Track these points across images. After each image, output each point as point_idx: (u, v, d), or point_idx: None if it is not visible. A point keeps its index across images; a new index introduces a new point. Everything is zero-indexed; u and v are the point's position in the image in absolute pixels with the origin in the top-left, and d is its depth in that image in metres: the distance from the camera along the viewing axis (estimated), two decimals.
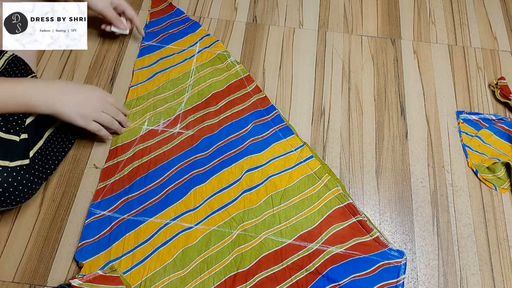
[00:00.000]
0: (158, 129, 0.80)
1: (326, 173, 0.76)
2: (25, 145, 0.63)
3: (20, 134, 0.63)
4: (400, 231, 0.74)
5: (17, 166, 0.60)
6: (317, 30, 0.96)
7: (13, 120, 0.63)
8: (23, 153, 0.62)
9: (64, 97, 0.65)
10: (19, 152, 0.62)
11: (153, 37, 0.92)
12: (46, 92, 0.63)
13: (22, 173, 0.61)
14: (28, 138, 0.64)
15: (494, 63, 0.94)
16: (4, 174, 0.58)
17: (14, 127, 0.63)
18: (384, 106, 0.87)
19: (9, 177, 0.59)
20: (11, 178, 0.59)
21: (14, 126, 0.63)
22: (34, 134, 0.66)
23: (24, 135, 0.63)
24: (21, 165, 0.61)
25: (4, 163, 0.59)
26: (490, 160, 0.81)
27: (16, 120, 0.63)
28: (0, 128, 0.61)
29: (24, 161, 0.62)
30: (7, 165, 0.59)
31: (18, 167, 0.61)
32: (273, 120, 0.82)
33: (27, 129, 0.64)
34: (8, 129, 0.62)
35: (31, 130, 0.65)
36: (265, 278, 0.66)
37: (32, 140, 0.65)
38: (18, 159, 0.61)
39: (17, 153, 0.61)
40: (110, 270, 0.66)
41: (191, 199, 0.73)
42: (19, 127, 0.63)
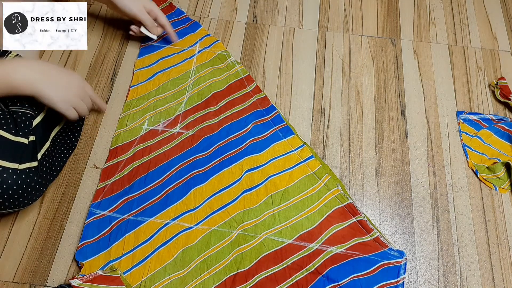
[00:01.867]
0: (158, 129, 0.80)
1: (326, 173, 0.76)
2: (33, 147, 0.63)
3: (28, 137, 0.63)
4: (400, 231, 0.74)
5: (26, 168, 0.61)
6: (317, 30, 0.96)
7: (21, 122, 0.63)
8: (31, 155, 0.62)
9: (47, 79, 0.64)
10: (28, 155, 0.62)
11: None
12: (29, 74, 0.62)
13: (31, 175, 0.61)
14: (36, 140, 0.65)
15: (494, 63, 0.94)
16: (14, 177, 0.59)
17: (23, 129, 0.63)
18: (384, 106, 0.87)
19: (18, 180, 0.59)
20: (20, 180, 0.59)
21: (23, 128, 0.63)
22: (41, 136, 0.67)
23: (32, 137, 0.64)
24: (30, 168, 0.61)
25: (14, 166, 0.59)
26: (490, 160, 0.81)
27: (24, 121, 0.63)
28: (9, 131, 0.61)
29: (33, 163, 0.62)
30: (16, 168, 0.59)
31: (27, 170, 0.61)
32: (273, 120, 0.82)
33: (34, 130, 0.65)
34: (17, 131, 0.62)
35: (38, 132, 0.66)
36: (265, 278, 0.66)
37: (39, 142, 0.66)
38: (27, 162, 0.61)
39: (26, 155, 0.61)
40: (110, 270, 0.66)
41: (191, 199, 0.73)
42: (27, 129, 0.63)
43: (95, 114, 0.82)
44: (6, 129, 0.61)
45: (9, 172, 0.58)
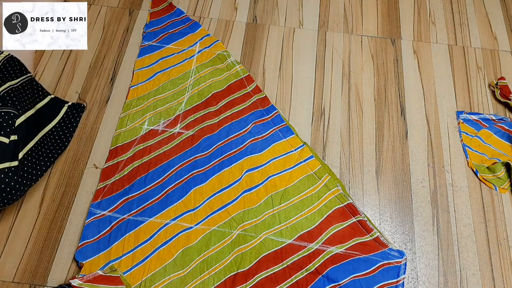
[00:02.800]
0: (158, 129, 0.80)
1: (326, 173, 0.76)
2: (14, 146, 0.63)
3: (10, 136, 0.62)
4: (400, 231, 0.74)
5: (5, 168, 0.60)
6: (317, 30, 0.96)
7: (4, 121, 0.62)
8: (12, 154, 0.62)
9: None
10: (8, 154, 0.61)
11: (153, 37, 0.92)
12: None
13: (10, 175, 0.60)
14: (18, 140, 0.64)
15: (494, 63, 0.94)
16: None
17: (5, 128, 0.62)
18: (384, 106, 0.87)
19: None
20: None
21: (5, 127, 0.62)
22: (24, 135, 0.66)
23: (14, 136, 0.63)
24: (10, 167, 0.61)
25: None
26: (490, 160, 0.81)
27: (6, 121, 0.63)
28: None
29: (13, 163, 0.61)
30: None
31: (7, 169, 0.60)
32: (273, 120, 0.82)
33: (17, 130, 0.64)
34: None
35: (21, 131, 0.65)
36: (265, 278, 0.66)
37: (22, 142, 0.65)
38: (6, 161, 0.61)
39: (5, 155, 0.61)
40: (110, 270, 0.66)
41: (191, 199, 0.73)
42: (9, 128, 0.63)
43: (95, 114, 0.82)
44: None
45: None
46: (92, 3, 0.96)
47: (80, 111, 0.80)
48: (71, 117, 0.79)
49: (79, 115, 0.80)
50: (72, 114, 0.79)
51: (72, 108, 0.80)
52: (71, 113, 0.79)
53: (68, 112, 0.79)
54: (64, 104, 0.79)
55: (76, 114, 0.79)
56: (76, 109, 0.80)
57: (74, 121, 0.78)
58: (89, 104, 0.83)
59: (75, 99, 0.83)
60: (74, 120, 0.78)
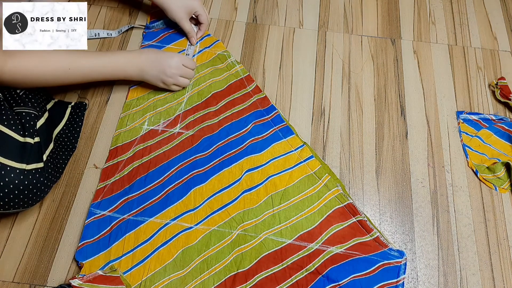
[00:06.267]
0: (158, 129, 0.80)
1: (326, 173, 0.76)
2: (38, 148, 0.64)
3: (34, 137, 0.64)
4: (400, 231, 0.74)
5: (33, 169, 0.61)
6: (317, 30, 0.96)
7: (26, 122, 0.64)
8: (38, 156, 0.63)
9: (149, 68, 0.78)
10: (35, 155, 0.62)
11: (153, 37, 0.92)
12: (136, 65, 0.77)
13: (38, 176, 0.62)
14: (41, 141, 0.65)
15: (494, 63, 0.94)
16: (21, 177, 0.59)
17: (28, 129, 0.63)
18: (384, 106, 0.87)
19: (25, 180, 0.60)
20: (27, 181, 0.60)
21: (28, 129, 0.63)
22: (45, 136, 0.67)
23: (37, 138, 0.64)
24: (36, 168, 0.62)
25: (21, 166, 0.60)
26: (490, 160, 0.81)
27: (28, 122, 0.64)
28: (18, 132, 0.62)
29: (39, 164, 0.63)
30: (24, 168, 0.60)
31: (34, 170, 0.61)
32: (273, 120, 0.82)
33: (39, 132, 0.65)
34: (24, 132, 0.63)
35: (42, 133, 0.66)
36: (265, 278, 0.66)
37: (44, 143, 0.66)
38: (34, 162, 0.62)
39: (32, 156, 0.62)
40: (110, 270, 0.66)
41: (191, 199, 0.73)
42: (32, 129, 0.64)
43: (95, 114, 0.82)
44: (15, 130, 0.61)
45: (16, 172, 0.59)
46: (92, 3, 0.96)
47: (83, 110, 0.82)
48: (75, 116, 0.80)
49: (82, 113, 0.81)
50: (76, 113, 0.81)
51: (75, 108, 0.81)
52: (75, 112, 0.81)
53: (72, 112, 0.80)
54: (67, 105, 0.81)
55: (80, 113, 0.81)
56: (79, 108, 0.81)
57: (79, 120, 0.80)
58: (89, 104, 0.83)
59: (75, 99, 0.83)
60: (79, 119, 0.80)
